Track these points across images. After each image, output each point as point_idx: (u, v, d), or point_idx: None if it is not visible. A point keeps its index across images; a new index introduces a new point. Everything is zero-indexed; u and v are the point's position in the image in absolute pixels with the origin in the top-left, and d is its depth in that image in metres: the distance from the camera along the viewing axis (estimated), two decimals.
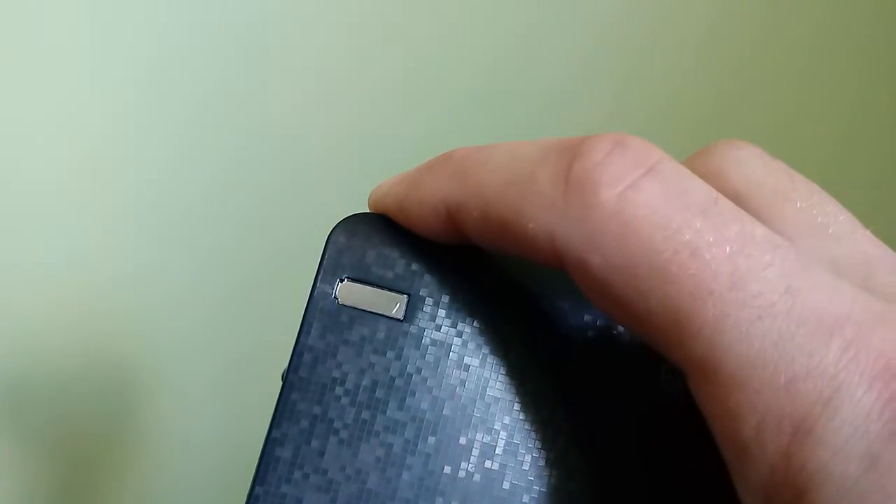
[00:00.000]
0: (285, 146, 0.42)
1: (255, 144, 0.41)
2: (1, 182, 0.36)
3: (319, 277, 0.13)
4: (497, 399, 0.13)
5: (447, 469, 0.13)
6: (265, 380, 0.41)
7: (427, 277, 0.13)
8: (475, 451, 0.13)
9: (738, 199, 0.12)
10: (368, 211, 0.14)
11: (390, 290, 0.13)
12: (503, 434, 0.13)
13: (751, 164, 0.13)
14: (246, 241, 0.41)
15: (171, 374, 0.40)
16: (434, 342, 0.13)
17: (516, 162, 0.12)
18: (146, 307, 0.39)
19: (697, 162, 0.13)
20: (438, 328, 0.13)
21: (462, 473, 0.12)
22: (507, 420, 0.13)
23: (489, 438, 0.13)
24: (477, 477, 0.12)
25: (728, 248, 0.10)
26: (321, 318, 0.13)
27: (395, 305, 0.13)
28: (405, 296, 0.13)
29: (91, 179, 0.38)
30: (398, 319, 0.13)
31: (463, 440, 0.13)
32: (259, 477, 0.13)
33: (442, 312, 0.13)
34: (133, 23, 0.37)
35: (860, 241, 0.12)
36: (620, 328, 0.13)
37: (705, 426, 0.11)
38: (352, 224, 0.14)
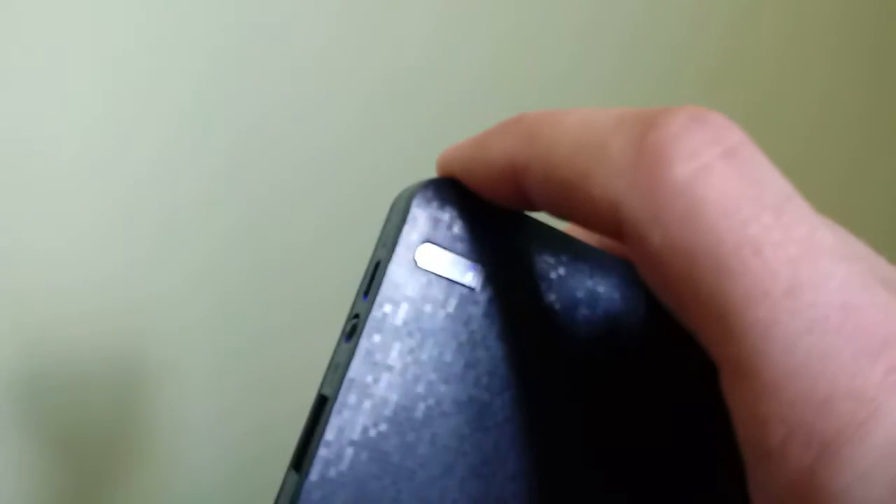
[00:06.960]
0: (287, 137, 0.41)
1: (259, 136, 0.41)
2: (4, 178, 0.36)
3: (402, 236, 0.13)
4: (570, 375, 0.13)
5: (516, 447, 0.13)
6: (269, 367, 0.41)
7: (500, 249, 0.13)
8: (543, 427, 0.13)
9: None
10: (443, 176, 0.14)
11: (465, 257, 0.13)
12: (575, 411, 0.13)
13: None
14: (249, 231, 0.41)
15: (176, 363, 0.40)
16: (503, 315, 0.13)
17: (589, 127, 0.11)
18: (150, 298, 0.39)
19: None
20: (508, 301, 0.13)
21: (532, 453, 0.13)
22: (580, 396, 0.13)
23: (560, 414, 0.13)
24: (544, 455, 0.13)
25: (793, 251, 0.10)
26: (400, 274, 0.13)
27: (469, 274, 0.13)
28: (478, 265, 0.13)
29: (94, 173, 0.37)
30: (471, 288, 0.13)
31: (531, 416, 0.13)
32: (327, 427, 0.12)
33: (511, 285, 0.13)
34: (133, 19, 0.37)
35: (882, 262, 0.12)
36: (670, 322, 0.14)
37: (725, 421, 0.10)
38: (431, 189, 0.13)
